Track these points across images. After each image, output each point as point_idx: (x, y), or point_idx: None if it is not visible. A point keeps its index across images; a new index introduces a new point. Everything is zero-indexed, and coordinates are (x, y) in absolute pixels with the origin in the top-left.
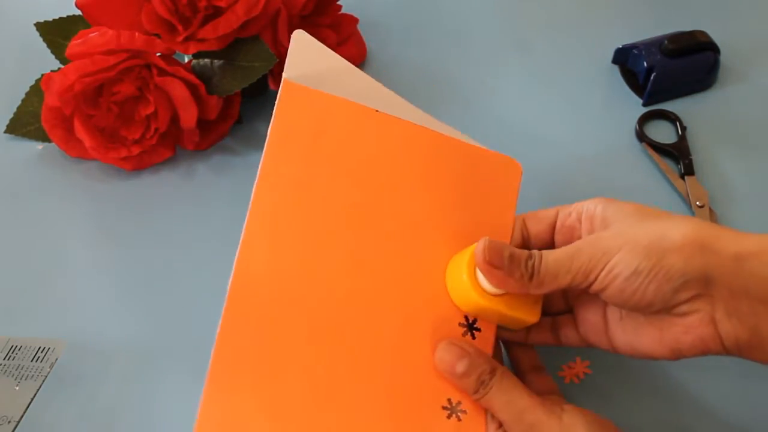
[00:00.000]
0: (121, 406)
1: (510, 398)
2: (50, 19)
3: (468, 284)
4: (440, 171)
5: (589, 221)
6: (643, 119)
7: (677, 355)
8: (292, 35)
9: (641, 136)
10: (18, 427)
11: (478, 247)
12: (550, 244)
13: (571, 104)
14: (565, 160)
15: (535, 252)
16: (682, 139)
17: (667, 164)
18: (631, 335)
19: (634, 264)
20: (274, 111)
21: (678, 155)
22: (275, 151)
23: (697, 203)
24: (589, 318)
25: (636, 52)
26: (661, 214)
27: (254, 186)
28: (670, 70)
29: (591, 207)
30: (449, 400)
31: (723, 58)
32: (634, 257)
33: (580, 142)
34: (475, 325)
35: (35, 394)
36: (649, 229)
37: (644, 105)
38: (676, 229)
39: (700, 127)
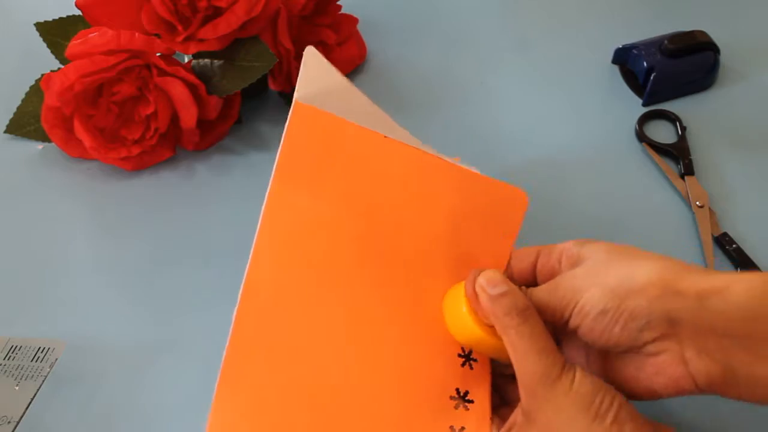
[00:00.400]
0: (121, 406)
1: (541, 344)
2: (50, 19)
3: (466, 315)
4: (445, 200)
5: (567, 260)
6: (643, 119)
7: (654, 396)
8: (304, 52)
9: (641, 136)
10: (18, 427)
11: (469, 284)
12: (533, 282)
13: (571, 104)
14: (565, 160)
15: (523, 289)
16: (682, 139)
17: (667, 164)
18: (610, 375)
19: (601, 304)
20: (284, 132)
21: (678, 155)
22: (284, 173)
23: (697, 203)
24: (574, 357)
25: (636, 52)
26: (633, 254)
27: (263, 207)
28: (670, 70)
29: (568, 247)
30: (451, 427)
31: (723, 58)
32: (601, 297)
33: (580, 142)
34: (471, 356)
35: (35, 394)
36: (617, 270)
37: (644, 105)
38: (642, 270)
39: (700, 127)
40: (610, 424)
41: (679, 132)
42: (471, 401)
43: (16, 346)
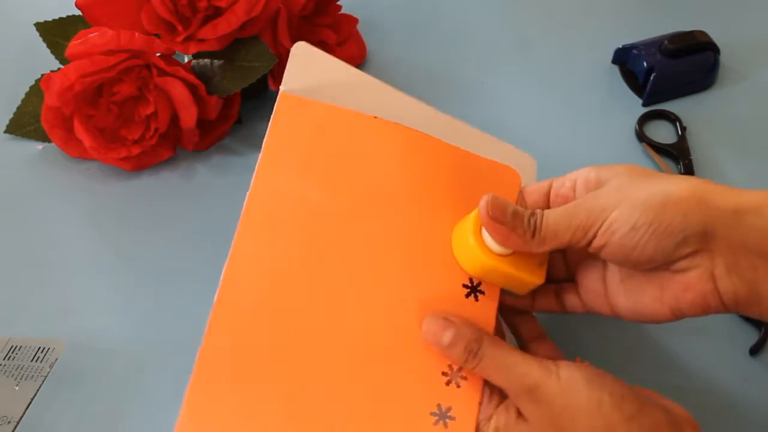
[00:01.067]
0: (121, 406)
1: (503, 361)
2: (50, 20)
3: (474, 245)
4: (437, 178)
5: (584, 186)
6: (643, 119)
7: (678, 315)
8: (292, 48)
9: (641, 136)
10: (18, 427)
11: (481, 202)
12: None
13: (571, 104)
14: (565, 160)
15: (537, 210)
16: (682, 139)
17: (667, 164)
18: (632, 298)
19: (633, 219)
20: (269, 122)
21: (678, 155)
22: (269, 161)
23: None
24: (590, 285)
25: (636, 52)
26: (659, 174)
27: (247, 194)
28: (670, 71)
29: (584, 173)
30: (439, 405)
31: (723, 58)
32: (633, 212)
33: (580, 142)
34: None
35: (35, 394)
36: (647, 185)
37: (644, 105)
38: (674, 185)
39: (700, 127)
40: (608, 408)
41: (679, 132)
42: (464, 378)
43: (16, 346)
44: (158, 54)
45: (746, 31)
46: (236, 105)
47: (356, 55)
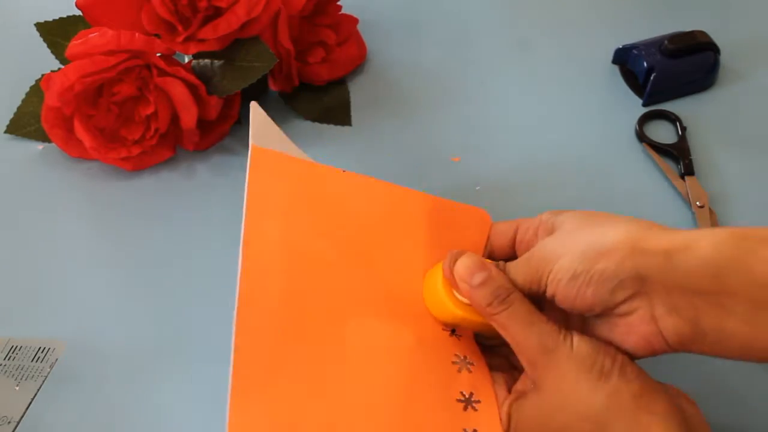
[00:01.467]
0: (121, 406)
1: (528, 318)
2: (51, 20)
3: (444, 295)
4: (412, 224)
5: (543, 231)
6: (643, 119)
7: (630, 356)
8: (250, 107)
9: (641, 137)
10: (18, 427)
11: (445, 262)
12: (513, 256)
13: (571, 104)
14: (565, 160)
15: (500, 263)
16: (682, 139)
17: (667, 164)
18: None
19: (572, 270)
20: (246, 175)
21: (678, 155)
22: (256, 211)
23: (697, 203)
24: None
25: (636, 52)
26: (603, 219)
27: (241, 251)
28: (670, 71)
29: (545, 218)
30: (464, 430)
31: (723, 58)
32: (572, 263)
33: (580, 142)
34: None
35: (35, 395)
36: (586, 235)
37: (644, 105)
38: (610, 233)
39: (700, 127)
40: (616, 380)
41: (679, 132)
42: (478, 401)
43: (17, 347)
44: (158, 54)
45: (746, 31)
46: (236, 105)
47: (356, 56)
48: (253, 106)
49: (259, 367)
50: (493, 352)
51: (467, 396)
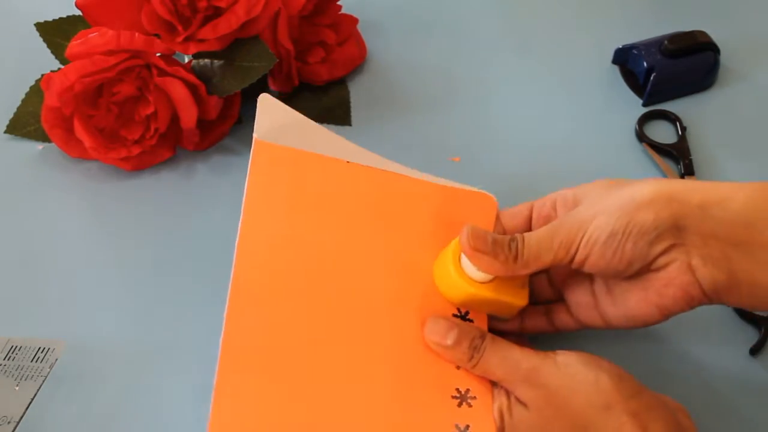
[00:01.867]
0: (121, 406)
1: (503, 354)
2: (50, 20)
3: (455, 275)
4: (415, 212)
5: (563, 206)
6: (643, 119)
7: (665, 313)
8: (258, 99)
9: (641, 137)
10: (18, 427)
11: (462, 234)
12: None
13: (571, 104)
14: (565, 160)
15: (517, 235)
16: (682, 139)
17: (668, 164)
18: (620, 304)
19: (609, 226)
20: (249, 167)
21: (678, 155)
22: (254, 205)
23: None
24: (579, 299)
25: (636, 52)
26: (629, 181)
27: (237, 237)
28: (670, 71)
29: (562, 194)
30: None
31: (723, 58)
32: (608, 220)
33: (580, 142)
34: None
35: (35, 395)
36: (618, 194)
37: (644, 105)
38: (644, 189)
39: (700, 127)
40: (613, 397)
41: (680, 132)
42: (474, 397)
43: (16, 347)
44: (158, 54)
45: (746, 31)
46: (236, 105)
47: (356, 56)
48: (262, 98)
49: (246, 363)
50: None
51: (463, 392)
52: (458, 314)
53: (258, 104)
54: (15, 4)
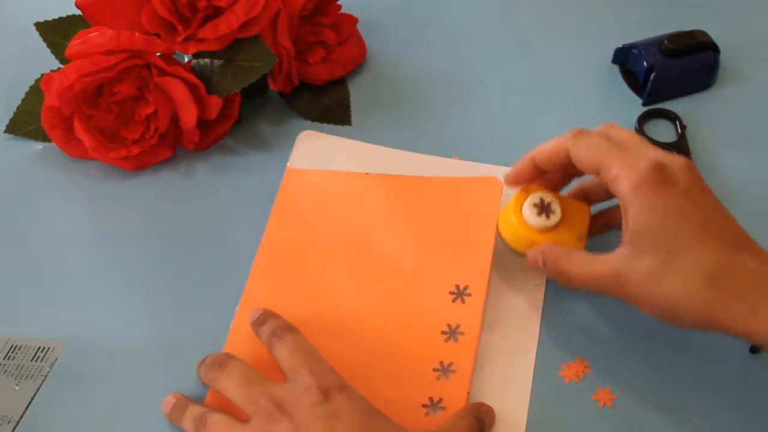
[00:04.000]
0: (121, 406)
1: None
2: (50, 19)
3: (518, 225)
4: (425, 210)
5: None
6: (643, 118)
7: None
8: (299, 135)
9: (641, 135)
10: (18, 426)
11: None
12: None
13: (571, 104)
14: None
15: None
16: (682, 138)
17: None
18: None
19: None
20: (278, 190)
21: (678, 154)
22: (276, 222)
23: None
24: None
25: (636, 51)
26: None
27: (259, 244)
28: (670, 70)
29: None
30: (430, 398)
31: (723, 58)
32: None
33: None
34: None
35: (35, 394)
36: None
37: (644, 105)
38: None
39: (699, 127)
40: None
41: (679, 131)
42: (453, 371)
43: (16, 346)
44: (158, 54)
45: (746, 31)
46: (236, 105)
47: (356, 55)
48: (303, 135)
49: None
50: None
51: (446, 365)
52: (455, 291)
53: (297, 140)
54: (15, 3)
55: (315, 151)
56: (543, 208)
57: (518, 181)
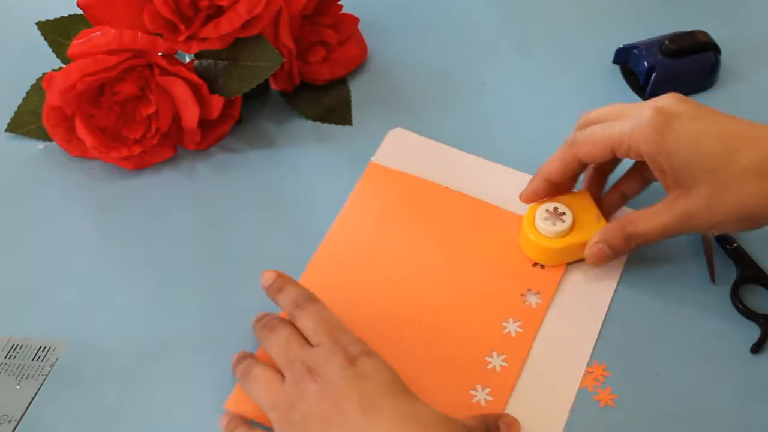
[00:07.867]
0: (121, 406)
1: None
2: (52, 19)
3: (544, 242)
4: (473, 231)
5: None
6: None
7: None
8: (389, 132)
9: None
10: (18, 426)
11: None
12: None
13: (573, 104)
14: None
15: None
16: None
17: None
18: None
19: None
20: (356, 183)
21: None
22: (348, 214)
23: None
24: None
25: (637, 52)
26: None
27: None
28: (670, 70)
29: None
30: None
31: (724, 57)
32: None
33: None
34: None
35: (36, 394)
36: None
37: None
38: None
39: None
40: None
41: None
42: (505, 364)
43: (17, 345)
44: (160, 53)
45: (747, 31)
46: (237, 104)
47: (357, 55)
48: (393, 132)
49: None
50: None
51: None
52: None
53: (386, 136)
54: (16, 2)
55: (402, 149)
56: (554, 216)
57: (533, 200)
